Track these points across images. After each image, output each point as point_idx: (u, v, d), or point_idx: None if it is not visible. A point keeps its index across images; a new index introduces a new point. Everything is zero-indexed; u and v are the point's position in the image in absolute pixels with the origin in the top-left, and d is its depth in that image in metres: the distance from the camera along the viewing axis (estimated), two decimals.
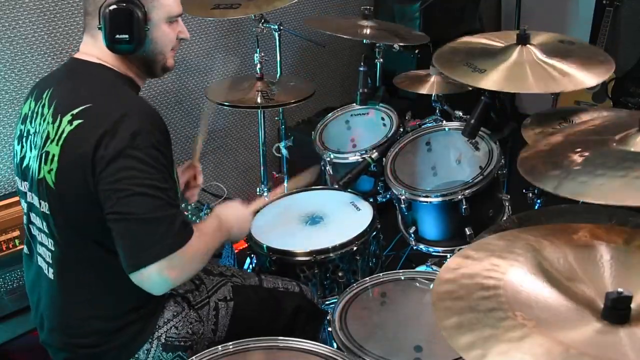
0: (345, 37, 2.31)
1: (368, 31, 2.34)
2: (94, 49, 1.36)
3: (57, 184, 1.26)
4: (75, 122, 1.24)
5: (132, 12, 1.29)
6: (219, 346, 1.32)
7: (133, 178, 1.20)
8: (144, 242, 1.21)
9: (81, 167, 1.22)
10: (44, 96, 1.35)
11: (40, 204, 1.32)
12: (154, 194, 1.21)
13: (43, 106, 1.34)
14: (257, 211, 1.88)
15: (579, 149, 1.20)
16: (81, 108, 1.25)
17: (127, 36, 1.30)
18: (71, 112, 1.25)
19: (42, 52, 2.30)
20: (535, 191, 2.07)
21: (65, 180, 1.25)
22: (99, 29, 1.31)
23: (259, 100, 2.32)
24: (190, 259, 1.28)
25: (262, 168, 2.63)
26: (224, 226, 1.44)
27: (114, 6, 1.29)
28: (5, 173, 2.29)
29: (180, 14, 1.42)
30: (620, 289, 0.90)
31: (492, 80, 1.63)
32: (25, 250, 1.47)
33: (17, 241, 2.04)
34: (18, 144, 1.41)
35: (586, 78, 1.59)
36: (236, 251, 2.47)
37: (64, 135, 1.25)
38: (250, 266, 2.08)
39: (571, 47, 1.75)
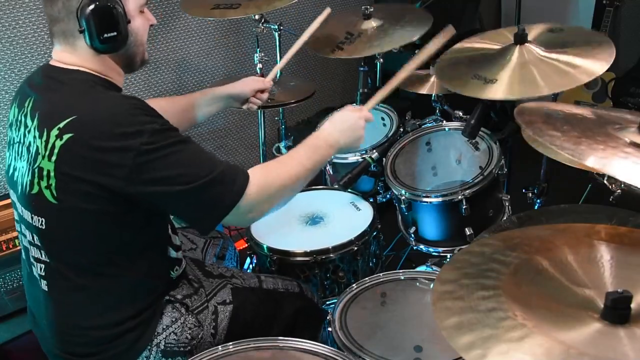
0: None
1: (370, 36, 2.33)
2: (70, 56, 1.32)
3: (59, 198, 1.24)
4: (66, 136, 1.21)
5: (114, 9, 1.27)
6: (219, 346, 1.32)
7: (164, 166, 1.22)
8: (208, 206, 1.27)
9: (87, 179, 1.21)
10: (26, 105, 1.32)
11: (32, 218, 1.30)
12: (192, 165, 1.25)
13: (25, 116, 1.31)
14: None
15: (577, 124, 1.19)
16: (67, 121, 1.21)
17: (114, 33, 1.29)
18: (57, 126, 1.22)
19: (42, 52, 2.31)
20: (535, 191, 2.07)
21: (69, 193, 1.24)
22: (81, 32, 1.27)
23: None
24: (262, 194, 1.32)
25: None
26: (322, 142, 1.49)
27: (94, 5, 1.25)
28: (5, 173, 2.30)
29: (147, 1, 1.41)
30: (620, 289, 0.90)
31: (500, 89, 1.62)
32: (23, 257, 1.47)
33: (17, 241, 2.04)
34: (7, 150, 1.40)
35: (595, 65, 1.55)
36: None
37: (56, 150, 1.22)
38: (251, 266, 2.08)
39: (562, 35, 1.73)
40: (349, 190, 2.08)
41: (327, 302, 1.84)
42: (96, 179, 1.21)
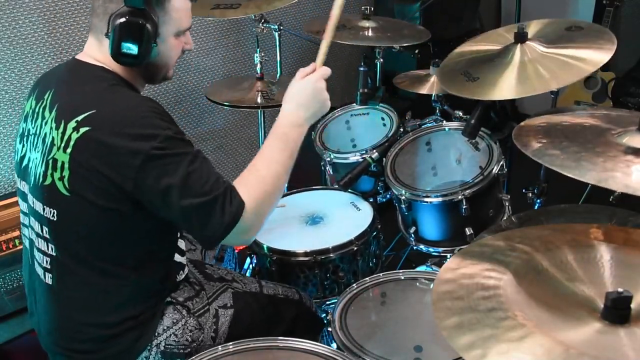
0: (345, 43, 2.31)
1: (368, 33, 2.34)
2: (97, 52, 1.34)
3: (71, 190, 1.25)
4: (82, 130, 1.23)
5: (143, 27, 1.26)
6: (219, 346, 1.32)
7: (169, 174, 1.21)
8: (205, 225, 1.25)
9: (100, 174, 1.22)
10: (46, 97, 1.33)
11: (44, 209, 1.30)
12: (196, 180, 1.23)
13: (44, 108, 1.32)
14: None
15: (576, 137, 1.20)
16: (86, 114, 1.23)
17: (134, 51, 1.27)
18: (75, 119, 1.24)
19: (42, 52, 2.30)
20: (535, 191, 2.07)
21: (82, 186, 1.25)
22: (107, 36, 1.28)
23: (259, 100, 2.32)
24: (254, 213, 1.30)
25: None
26: (288, 127, 1.40)
27: (125, 18, 1.25)
28: (5, 173, 2.30)
29: (190, 27, 1.39)
30: (620, 289, 0.90)
31: (503, 88, 1.61)
32: (24, 253, 1.47)
33: (17, 241, 2.04)
34: (19, 142, 1.40)
35: (598, 55, 1.55)
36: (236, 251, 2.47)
37: (72, 142, 1.23)
38: (251, 266, 2.08)
39: (579, 32, 1.70)
40: (349, 190, 2.08)
41: (327, 302, 1.84)
42: (108, 175, 1.22)
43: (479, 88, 1.66)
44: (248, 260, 2.15)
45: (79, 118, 1.23)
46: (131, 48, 1.27)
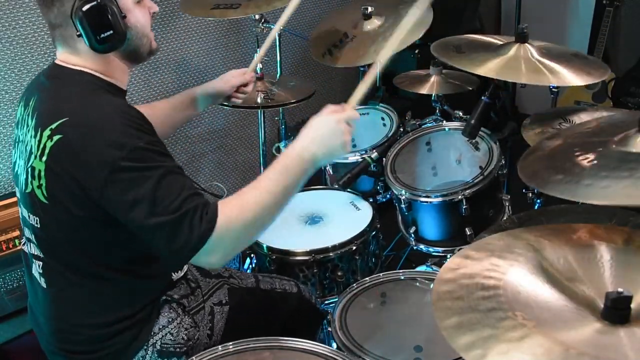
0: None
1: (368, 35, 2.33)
2: (72, 57, 1.31)
3: (49, 198, 1.25)
4: (55, 137, 1.21)
5: (105, 6, 1.24)
6: (219, 346, 1.32)
7: (136, 188, 1.16)
8: (171, 243, 1.17)
9: (73, 182, 1.20)
10: (30, 104, 1.32)
11: (29, 216, 1.31)
12: (162, 197, 1.16)
13: (28, 115, 1.31)
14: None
15: (579, 152, 1.20)
16: (59, 122, 1.21)
17: (110, 32, 1.25)
18: (50, 127, 1.22)
19: (42, 52, 2.30)
20: (535, 191, 2.07)
21: (58, 194, 1.23)
22: (79, 36, 1.25)
23: (259, 100, 2.32)
24: (224, 236, 1.19)
25: (262, 168, 2.63)
26: (293, 160, 1.29)
27: (85, 7, 1.23)
28: (5, 173, 2.30)
29: None
30: (620, 289, 0.90)
31: (488, 68, 1.72)
32: (24, 254, 1.47)
33: (17, 241, 2.04)
34: (13, 149, 1.40)
35: (573, 79, 1.69)
36: None
37: (47, 150, 1.22)
38: (250, 266, 2.08)
39: (579, 60, 1.81)
40: (349, 190, 2.08)
41: (326, 302, 1.84)
42: (81, 183, 1.20)
43: (461, 59, 1.78)
44: (248, 260, 2.15)
45: (53, 126, 1.21)
46: (106, 30, 1.25)
